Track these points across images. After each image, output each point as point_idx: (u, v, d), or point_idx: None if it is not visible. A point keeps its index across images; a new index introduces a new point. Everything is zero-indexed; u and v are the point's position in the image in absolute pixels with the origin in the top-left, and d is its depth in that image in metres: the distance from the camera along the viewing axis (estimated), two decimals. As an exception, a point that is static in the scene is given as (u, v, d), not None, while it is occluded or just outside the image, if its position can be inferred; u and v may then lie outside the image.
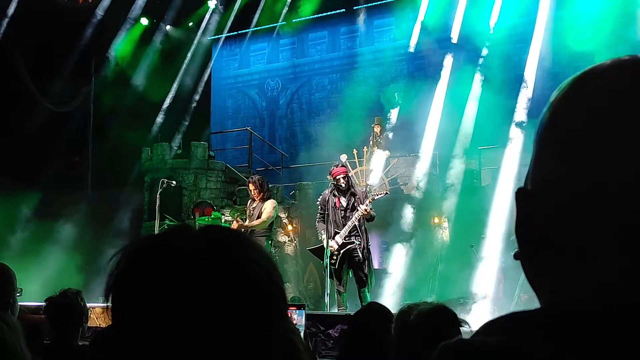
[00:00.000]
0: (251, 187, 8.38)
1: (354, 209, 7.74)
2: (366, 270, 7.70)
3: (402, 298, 10.23)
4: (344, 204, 7.78)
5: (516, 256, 0.71)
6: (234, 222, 8.38)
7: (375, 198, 7.89)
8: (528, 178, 0.71)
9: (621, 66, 0.68)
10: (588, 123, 0.65)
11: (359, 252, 7.69)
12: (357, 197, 7.76)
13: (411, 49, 15.46)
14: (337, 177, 7.81)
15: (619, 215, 0.61)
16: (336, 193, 7.82)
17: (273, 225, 8.53)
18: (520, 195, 0.71)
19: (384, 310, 2.82)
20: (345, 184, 7.78)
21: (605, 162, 0.63)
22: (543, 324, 0.61)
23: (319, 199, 8.08)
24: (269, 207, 8.16)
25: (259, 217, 8.18)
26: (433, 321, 2.14)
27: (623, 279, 0.61)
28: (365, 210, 7.57)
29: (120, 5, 16.07)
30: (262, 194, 8.25)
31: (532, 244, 0.69)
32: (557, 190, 0.66)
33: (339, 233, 7.74)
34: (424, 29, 15.54)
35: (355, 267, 7.77)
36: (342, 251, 7.72)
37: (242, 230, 7.97)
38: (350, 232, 7.71)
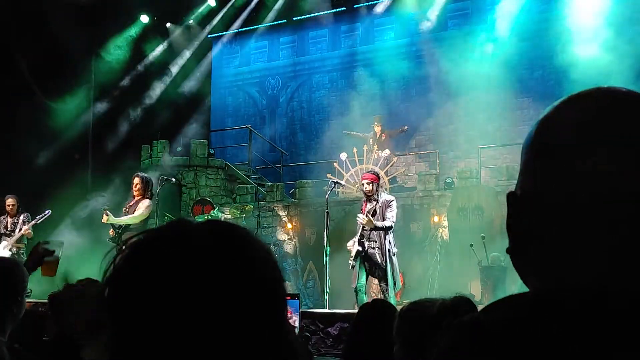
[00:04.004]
0: (137, 180, 8.40)
1: (374, 214, 7.67)
2: (388, 280, 7.52)
3: (402, 297, 10.25)
4: (369, 209, 7.73)
5: (508, 251, 0.84)
6: (104, 214, 8.24)
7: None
8: (518, 183, 0.85)
9: (591, 97, 0.81)
10: (560, 144, 0.78)
11: (378, 259, 7.60)
12: (379, 205, 7.67)
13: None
14: (362, 182, 7.87)
15: (585, 221, 0.75)
16: (365, 198, 7.88)
17: (146, 223, 8.46)
18: (511, 198, 0.84)
19: (389, 307, 2.81)
20: (369, 190, 7.69)
21: (572, 178, 0.76)
22: (534, 305, 0.76)
23: None
24: (144, 205, 8.21)
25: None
26: (457, 310, 2.12)
27: (595, 270, 0.75)
28: (365, 220, 7.57)
29: (121, 2, 16.05)
30: (145, 192, 8.33)
31: (521, 240, 0.82)
32: (539, 198, 0.79)
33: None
34: (424, 27, 15.56)
35: (375, 276, 7.74)
36: (355, 254, 7.72)
37: (116, 226, 8.16)
38: (365, 237, 7.68)
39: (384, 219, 7.62)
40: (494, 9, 14.50)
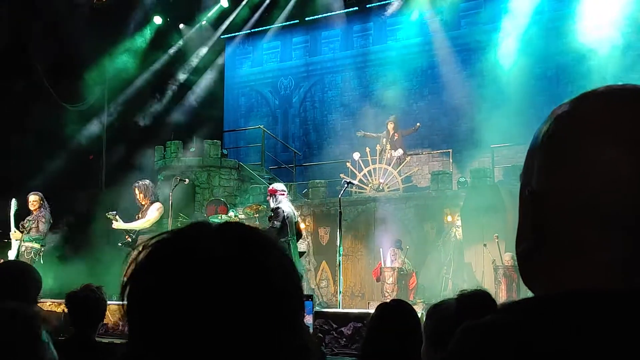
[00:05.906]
0: (136, 192, 8.59)
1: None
2: None
3: (416, 296, 10.24)
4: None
5: (517, 252, 0.83)
6: (113, 219, 8.50)
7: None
8: (525, 183, 0.82)
9: (605, 94, 0.79)
10: (576, 139, 0.76)
11: None
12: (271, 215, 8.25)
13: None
14: None
15: (598, 221, 0.74)
16: None
17: (160, 225, 8.70)
18: (524, 196, 0.81)
19: (406, 307, 2.80)
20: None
21: (585, 177, 0.74)
22: (546, 307, 0.73)
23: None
24: (154, 208, 8.46)
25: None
26: (475, 303, 2.12)
27: (609, 270, 0.73)
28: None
29: (134, 4, 16.15)
30: (149, 197, 8.53)
31: (530, 241, 0.80)
32: (551, 198, 0.77)
33: None
34: (437, 26, 15.54)
35: None
36: None
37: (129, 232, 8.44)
38: None
39: None
40: (506, 7, 14.43)
